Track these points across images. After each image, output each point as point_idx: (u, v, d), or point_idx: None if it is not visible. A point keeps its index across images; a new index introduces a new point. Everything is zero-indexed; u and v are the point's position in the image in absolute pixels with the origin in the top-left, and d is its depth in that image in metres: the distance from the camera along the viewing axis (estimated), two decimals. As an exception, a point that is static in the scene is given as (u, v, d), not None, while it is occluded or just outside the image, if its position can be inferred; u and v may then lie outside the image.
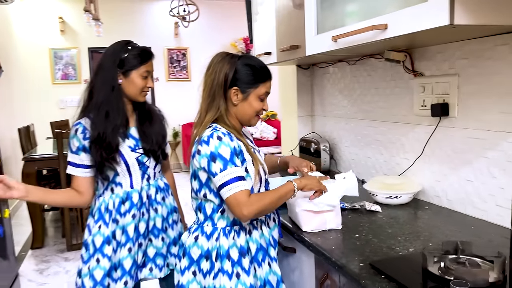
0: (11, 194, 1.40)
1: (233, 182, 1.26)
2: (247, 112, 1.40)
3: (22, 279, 3.14)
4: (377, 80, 2.00)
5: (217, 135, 1.29)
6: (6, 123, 4.77)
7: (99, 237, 1.60)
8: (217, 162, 1.26)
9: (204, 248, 1.35)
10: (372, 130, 2.07)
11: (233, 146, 1.30)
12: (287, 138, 2.86)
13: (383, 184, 1.75)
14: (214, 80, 1.36)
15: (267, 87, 1.43)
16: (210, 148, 1.28)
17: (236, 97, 1.37)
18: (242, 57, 1.41)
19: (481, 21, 1.11)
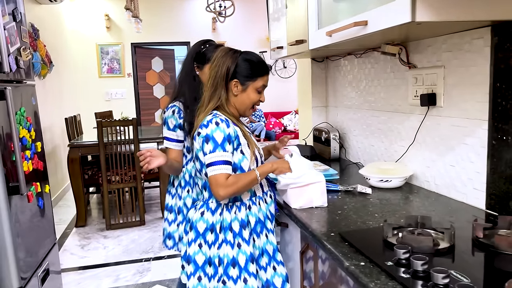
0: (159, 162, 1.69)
1: (217, 164, 1.45)
2: (245, 102, 1.58)
3: (65, 253, 3.51)
4: (379, 72, 2.12)
5: (215, 120, 1.48)
6: (56, 113, 5.22)
7: (189, 199, 1.95)
8: (209, 144, 1.45)
9: (209, 222, 1.54)
10: (375, 120, 2.19)
11: (228, 133, 1.47)
12: (304, 128, 3.01)
13: (378, 169, 1.88)
14: (217, 73, 1.55)
15: (264, 81, 1.61)
16: (207, 130, 1.47)
17: (236, 88, 1.56)
18: (243, 53, 1.60)
19: (444, 17, 1.22)
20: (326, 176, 1.96)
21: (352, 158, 2.48)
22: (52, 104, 5.19)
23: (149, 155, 1.66)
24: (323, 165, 2.13)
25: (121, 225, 4.08)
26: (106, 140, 3.89)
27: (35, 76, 4.52)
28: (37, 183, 2.16)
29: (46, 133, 4.87)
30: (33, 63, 4.36)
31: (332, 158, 2.52)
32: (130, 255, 3.40)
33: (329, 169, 2.04)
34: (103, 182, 3.98)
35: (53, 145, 5.06)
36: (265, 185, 1.66)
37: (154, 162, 1.68)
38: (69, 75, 6.37)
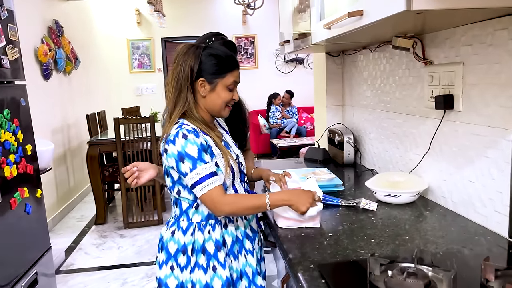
0: (149, 175, 1.49)
1: (204, 180, 1.27)
2: (216, 103, 1.39)
3: (80, 252, 3.48)
4: (394, 68, 1.86)
5: (182, 133, 1.29)
6: (83, 109, 5.25)
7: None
8: (185, 162, 1.27)
9: (181, 243, 1.37)
10: (390, 122, 1.94)
11: (200, 143, 1.29)
12: (319, 128, 2.78)
13: (387, 182, 1.64)
14: (180, 73, 1.36)
15: (235, 76, 1.41)
16: (176, 147, 1.28)
17: (203, 88, 1.37)
18: (207, 47, 1.40)
19: (448, 4, 0.98)
20: (328, 188, 1.75)
21: (368, 164, 2.23)
22: (78, 100, 5.22)
23: (135, 170, 1.48)
24: (329, 173, 1.91)
25: (139, 224, 4.02)
26: (124, 138, 3.83)
27: (59, 73, 4.54)
28: (24, 188, 2.07)
29: (71, 129, 4.90)
30: (56, 59, 4.38)
31: (345, 163, 2.28)
32: (142, 257, 3.32)
33: (334, 179, 1.82)
34: (120, 180, 3.92)
35: (78, 141, 5.09)
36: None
37: (144, 177, 1.48)
38: (99, 71, 6.41)
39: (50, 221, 4.02)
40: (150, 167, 1.52)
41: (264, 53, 7.50)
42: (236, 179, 1.42)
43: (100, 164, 4.12)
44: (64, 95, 4.74)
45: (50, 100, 4.30)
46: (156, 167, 1.55)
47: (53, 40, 4.36)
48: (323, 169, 2.00)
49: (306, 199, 1.31)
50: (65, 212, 4.46)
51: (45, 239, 2.37)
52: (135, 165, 1.49)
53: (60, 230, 4.04)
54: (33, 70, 3.91)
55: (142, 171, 1.49)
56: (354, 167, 2.27)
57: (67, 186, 4.64)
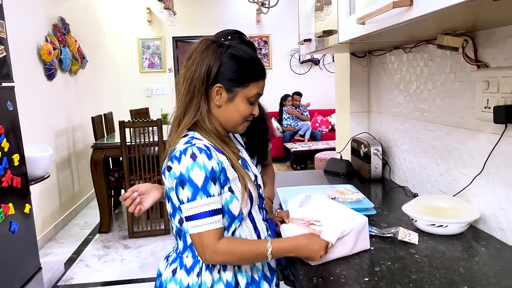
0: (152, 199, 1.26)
1: (201, 217, 1.03)
2: (232, 117, 1.14)
3: (81, 264, 3.26)
4: (435, 71, 1.59)
5: (191, 151, 1.04)
6: (90, 110, 5.05)
7: None
8: (185, 189, 1.03)
9: (184, 284, 1.11)
10: (429, 134, 1.67)
11: (211, 168, 1.04)
12: (341, 136, 2.51)
13: (429, 208, 1.37)
14: (195, 73, 1.10)
15: (259, 88, 1.16)
16: (180, 168, 1.04)
17: (219, 96, 1.12)
18: (231, 47, 1.15)
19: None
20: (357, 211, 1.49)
21: (399, 179, 1.96)
22: (85, 101, 5.02)
23: (136, 196, 1.23)
24: (356, 191, 1.65)
25: (145, 233, 3.79)
26: (129, 142, 3.61)
27: (64, 72, 4.34)
28: (8, 205, 1.85)
29: (77, 131, 4.71)
30: (61, 58, 4.18)
31: (372, 178, 2.01)
32: (145, 272, 3.09)
33: (363, 200, 1.55)
34: (126, 187, 3.70)
35: (84, 144, 4.89)
36: (263, 229, 1.21)
37: (147, 201, 1.24)
38: (107, 70, 6.22)
39: (51, 229, 3.83)
40: (153, 188, 1.28)
41: (278, 54, 7.24)
42: (254, 205, 1.17)
43: (105, 169, 3.91)
44: (70, 96, 4.55)
45: (54, 101, 4.10)
46: (159, 187, 1.30)
47: (58, 39, 4.17)
48: (348, 186, 1.74)
49: (316, 252, 1.08)
50: (68, 218, 4.26)
51: (34, 259, 2.15)
52: (134, 189, 1.24)
53: (62, 238, 3.84)
54: (35, 69, 3.72)
55: (144, 195, 1.25)
56: (382, 182, 2.00)
57: (71, 191, 4.44)
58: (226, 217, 1.09)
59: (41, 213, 3.62)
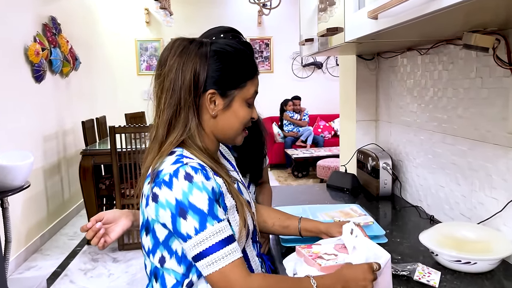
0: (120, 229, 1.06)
1: (218, 249, 0.83)
2: (232, 126, 0.95)
3: (65, 280, 3.04)
4: (457, 76, 1.37)
5: (184, 172, 0.84)
6: (82, 114, 4.83)
7: None
8: (189, 219, 0.82)
9: None
10: (448, 149, 1.44)
11: (211, 188, 0.85)
12: (346, 147, 2.29)
13: (451, 239, 1.15)
14: (175, 82, 0.90)
15: (256, 85, 0.98)
16: (174, 194, 0.83)
17: (213, 105, 0.93)
18: (214, 43, 0.95)
19: None
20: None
21: (411, 198, 1.74)
22: (77, 104, 4.81)
23: (99, 226, 1.01)
24: (365, 213, 1.42)
25: (136, 246, 3.56)
26: (120, 148, 3.39)
27: (54, 74, 4.14)
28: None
29: (68, 136, 4.50)
30: (51, 60, 3.98)
31: (381, 195, 1.79)
32: (134, 289, 2.88)
33: (372, 225, 1.33)
34: (116, 196, 3.49)
35: (76, 150, 4.68)
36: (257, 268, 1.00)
37: (115, 231, 1.03)
38: (103, 72, 6.01)
39: (37, 239, 3.61)
40: (121, 215, 1.07)
41: (280, 57, 7.02)
42: (248, 240, 0.96)
43: (96, 177, 3.70)
44: (61, 99, 4.34)
45: (42, 104, 3.90)
46: (129, 213, 1.09)
47: (48, 39, 3.96)
48: (354, 206, 1.52)
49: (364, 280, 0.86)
50: (56, 228, 4.04)
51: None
52: (98, 218, 1.03)
53: (48, 250, 3.62)
54: (22, 71, 3.51)
55: (111, 224, 1.04)
56: (392, 200, 1.78)
57: (61, 199, 4.23)
58: None
59: (25, 223, 3.41)
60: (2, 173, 2.36)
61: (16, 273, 3.13)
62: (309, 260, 0.96)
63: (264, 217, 1.17)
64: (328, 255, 0.97)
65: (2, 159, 2.46)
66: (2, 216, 2.44)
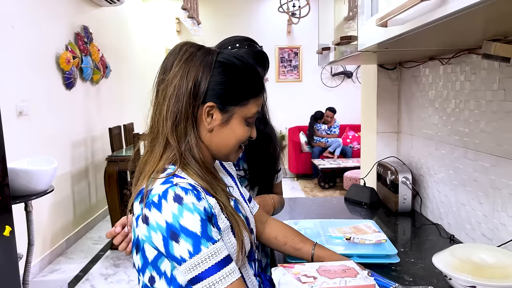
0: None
1: (214, 272, 0.79)
2: (227, 143, 0.91)
3: (86, 284, 3.09)
4: (479, 87, 1.29)
5: (173, 193, 0.79)
6: (112, 121, 4.94)
7: None
8: (181, 242, 0.78)
9: None
10: (469, 164, 1.36)
11: (203, 209, 0.80)
12: (366, 159, 2.22)
13: (467, 262, 1.07)
14: (179, 89, 0.86)
15: (259, 105, 0.93)
16: (165, 217, 0.79)
17: (210, 118, 0.89)
18: (222, 53, 0.91)
19: None
20: (376, 258, 1.21)
21: (431, 215, 1.65)
22: (107, 111, 4.93)
23: (128, 231, 1.00)
24: (379, 231, 1.35)
25: (157, 253, 3.59)
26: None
27: (84, 82, 4.25)
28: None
29: (96, 142, 4.60)
30: (81, 67, 4.09)
31: (400, 211, 1.71)
32: (151, 297, 2.87)
33: (384, 243, 1.26)
34: (139, 202, 3.52)
35: (104, 155, 4.74)
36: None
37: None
38: (133, 80, 6.14)
39: (63, 242, 3.69)
40: None
41: (309, 65, 6.96)
42: (244, 260, 0.92)
43: (120, 183, 3.75)
44: (90, 106, 4.45)
45: (72, 110, 4.00)
46: None
47: (80, 47, 4.08)
48: (369, 223, 1.45)
49: None
50: (82, 232, 4.12)
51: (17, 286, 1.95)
52: (123, 223, 1.02)
53: (73, 253, 3.69)
54: (53, 78, 3.63)
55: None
56: (412, 217, 1.69)
57: (87, 204, 4.32)
58: None
59: (51, 227, 3.49)
60: (26, 177, 2.41)
61: (39, 275, 3.20)
62: (294, 281, 0.91)
63: (276, 233, 1.12)
64: (307, 277, 0.91)
65: (27, 164, 2.52)
66: (26, 220, 2.49)
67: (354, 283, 0.90)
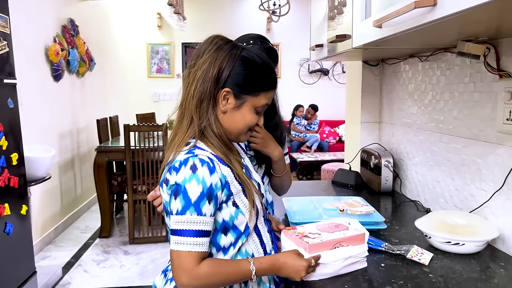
0: None
1: (185, 235, 0.94)
2: (237, 125, 1.07)
3: (79, 269, 3.19)
4: (453, 81, 1.52)
5: (192, 162, 0.96)
6: (96, 113, 5.01)
7: None
8: (177, 200, 0.95)
9: None
10: (444, 147, 1.59)
11: (209, 184, 0.96)
12: (351, 147, 2.44)
13: (443, 224, 1.29)
14: (207, 74, 1.02)
15: (269, 98, 1.09)
16: (178, 178, 0.96)
17: (225, 101, 1.05)
18: (245, 49, 1.08)
19: None
20: (366, 225, 1.41)
21: (410, 193, 1.88)
22: (91, 103, 4.99)
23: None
24: (367, 204, 1.57)
25: (146, 240, 3.72)
26: (134, 146, 3.55)
27: (71, 74, 4.32)
28: (4, 205, 1.79)
29: (81, 133, 4.67)
30: (69, 60, 4.16)
31: (382, 191, 1.93)
32: (145, 279, 3.01)
33: (373, 213, 1.47)
34: (128, 191, 3.64)
35: (89, 147, 4.85)
36: (268, 243, 1.14)
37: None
38: (115, 73, 6.20)
39: (51, 231, 3.77)
40: None
41: (287, 63, 7.19)
42: (260, 218, 1.10)
43: (108, 173, 3.85)
44: (76, 98, 4.52)
45: (60, 102, 4.07)
46: None
47: (67, 40, 4.15)
48: (357, 198, 1.66)
49: (296, 272, 1.00)
50: (69, 221, 4.20)
51: (29, 262, 2.07)
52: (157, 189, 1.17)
53: (62, 242, 3.77)
54: (42, 69, 3.69)
55: None
56: (393, 196, 1.92)
57: (74, 194, 4.39)
58: (231, 233, 1.02)
59: (41, 215, 3.57)
60: (26, 164, 2.51)
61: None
62: (297, 240, 1.10)
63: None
64: (313, 234, 1.11)
65: (27, 152, 2.62)
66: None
67: (350, 233, 1.11)
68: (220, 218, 1.00)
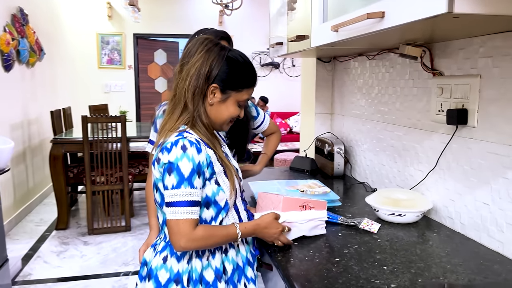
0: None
1: (181, 205, 1.09)
2: (222, 116, 1.23)
3: (38, 260, 3.20)
4: (395, 78, 1.76)
5: (182, 143, 1.11)
6: (47, 105, 4.91)
7: None
8: (171, 176, 1.10)
9: (174, 271, 1.17)
10: (388, 135, 1.83)
11: (198, 162, 1.11)
12: (305, 137, 2.65)
13: (389, 199, 1.53)
14: (200, 70, 1.18)
15: (249, 94, 1.26)
16: (170, 157, 1.11)
17: (213, 95, 1.20)
18: (231, 51, 1.24)
19: (489, 9, 0.87)
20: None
21: (359, 176, 2.12)
22: (41, 94, 4.88)
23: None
24: (323, 186, 1.78)
25: (105, 230, 3.76)
26: (92, 137, 3.57)
27: (21, 64, 4.21)
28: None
29: (32, 125, 4.57)
30: (19, 50, 4.06)
31: (335, 175, 2.16)
32: (107, 267, 3.08)
33: (329, 193, 1.69)
34: (86, 183, 3.66)
35: (40, 139, 4.75)
36: (245, 219, 1.31)
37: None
38: (65, 64, 6.06)
39: (5, 225, 3.69)
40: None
41: (239, 56, 7.33)
42: (238, 197, 1.27)
43: (64, 165, 3.84)
44: (26, 89, 4.41)
45: (10, 93, 3.97)
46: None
47: (17, 29, 4.04)
48: (315, 181, 1.87)
49: (272, 234, 1.23)
50: (22, 215, 4.13)
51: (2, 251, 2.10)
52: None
53: (17, 235, 3.72)
54: (-7, 60, 3.59)
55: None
56: (344, 179, 2.15)
57: (26, 187, 4.31)
58: (212, 207, 1.17)
59: (-5, 208, 3.50)
60: (-13, 155, 2.50)
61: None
62: (272, 196, 1.31)
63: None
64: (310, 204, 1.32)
65: (-15, 143, 2.60)
66: (-16, 197, 2.57)
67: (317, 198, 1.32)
68: (204, 194, 1.15)
